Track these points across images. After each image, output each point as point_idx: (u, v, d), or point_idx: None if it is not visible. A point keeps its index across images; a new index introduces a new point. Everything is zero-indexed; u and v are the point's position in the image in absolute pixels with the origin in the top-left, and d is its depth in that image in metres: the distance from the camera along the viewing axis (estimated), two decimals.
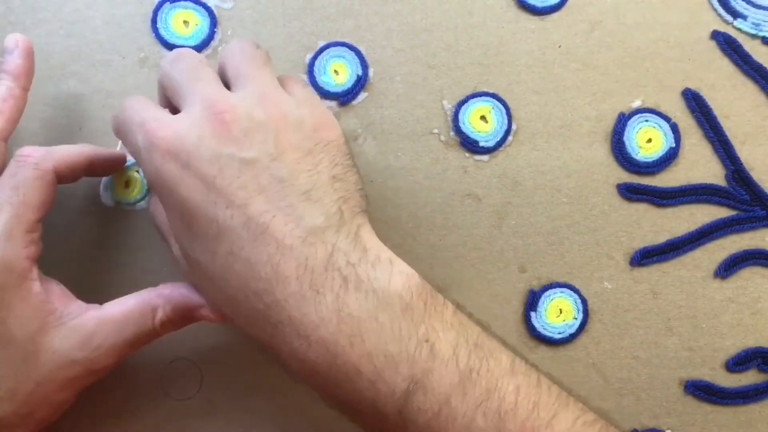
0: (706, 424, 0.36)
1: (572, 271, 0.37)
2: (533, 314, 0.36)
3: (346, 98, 0.37)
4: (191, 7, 0.37)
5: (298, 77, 0.33)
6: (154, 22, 0.37)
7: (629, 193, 0.37)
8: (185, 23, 0.37)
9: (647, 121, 0.37)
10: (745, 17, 0.37)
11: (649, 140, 0.37)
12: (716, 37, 0.37)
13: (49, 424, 0.32)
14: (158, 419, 0.36)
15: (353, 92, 0.37)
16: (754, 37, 0.37)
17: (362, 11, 0.37)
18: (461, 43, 0.37)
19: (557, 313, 0.37)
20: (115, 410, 0.36)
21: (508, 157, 0.37)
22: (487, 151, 0.37)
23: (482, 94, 0.37)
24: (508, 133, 0.37)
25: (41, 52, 0.37)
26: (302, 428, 0.36)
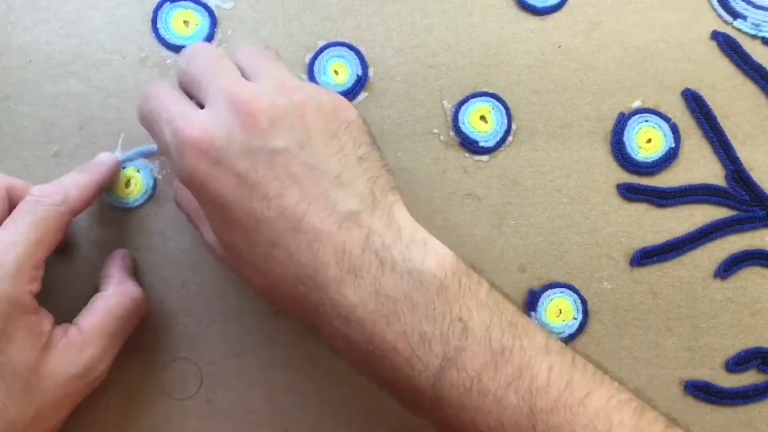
0: (705, 424, 0.36)
1: (572, 271, 0.37)
2: (533, 314, 0.36)
3: (346, 98, 0.37)
4: (191, 7, 0.37)
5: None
6: (154, 22, 0.37)
7: (629, 193, 0.37)
8: (185, 23, 0.37)
9: (647, 121, 0.37)
10: (745, 17, 0.37)
11: (648, 140, 0.37)
12: (716, 37, 0.37)
13: None
14: (158, 419, 0.36)
15: (353, 92, 0.37)
16: (753, 37, 0.37)
17: (362, 11, 0.37)
18: (461, 43, 0.37)
19: (557, 313, 0.37)
20: (115, 410, 0.36)
21: (507, 157, 0.37)
22: (487, 151, 0.37)
23: (482, 94, 0.37)
24: (508, 133, 0.37)
25: (41, 51, 0.37)
26: (302, 428, 0.36)
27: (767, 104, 0.37)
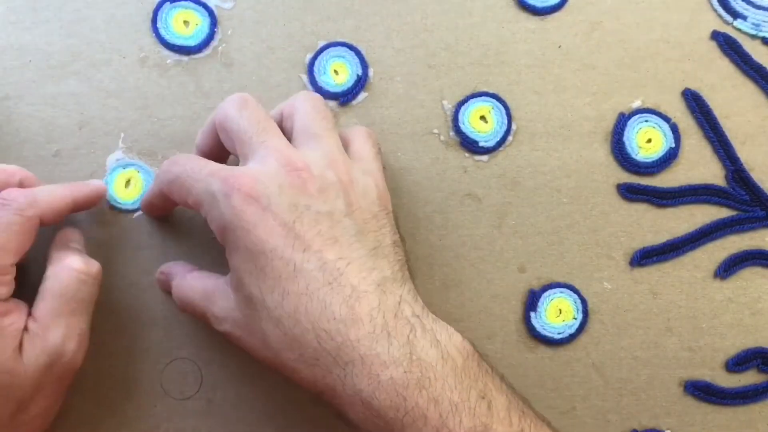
0: (705, 424, 0.36)
1: (572, 271, 0.37)
2: (533, 314, 0.36)
3: (346, 98, 0.37)
4: (191, 6, 0.37)
5: (361, 130, 0.35)
6: (154, 21, 0.37)
7: (629, 193, 0.37)
8: (185, 23, 0.37)
9: (647, 121, 0.37)
10: (745, 17, 0.37)
11: (648, 140, 0.37)
12: (716, 37, 0.37)
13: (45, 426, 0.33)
14: (158, 419, 0.36)
15: (353, 92, 0.37)
16: (754, 37, 0.37)
17: (362, 11, 0.37)
18: (461, 43, 0.37)
19: (557, 313, 0.37)
20: (115, 410, 0.36)
21: (507, 157, 0.37)
22: (486, 151, 0.37)
23: (482, 94, 0.37)
24: (507, 133, 0.37)
25: (41, 51, 0.37)
26: (302, 428, 0.36)
27: (767, 104, 0.37)
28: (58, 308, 0.32)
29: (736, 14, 0.37)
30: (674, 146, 0.37)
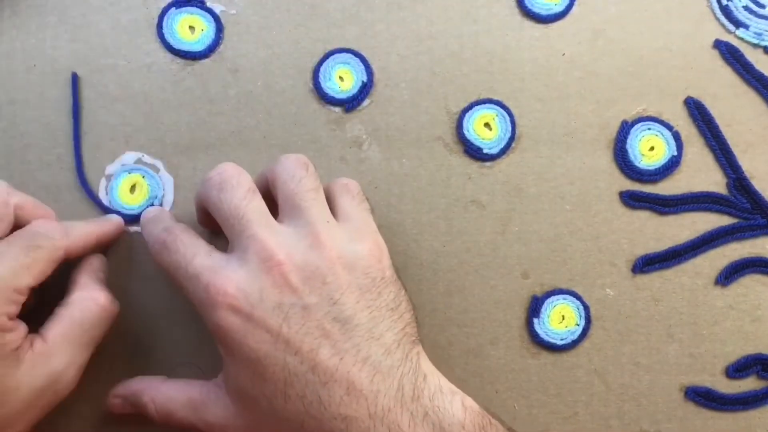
0: (706, 429, 0.37)
1: (575, 277, 0.37)
2: (536, 320, 0.37)
3: (351, 104, 0.37)
4: (197, 12, 0.37)
5: (341, 185, 0.34)
6: (159, 27, 0.37)
7: (632, 200, 0.37)
8: (191, 29, 0.37)
9: (650, 129, 0.37)
10: (747, 27, 0.38)
11: (651, 148, 0.37)
12: (719, 46, 0.38)
13: None
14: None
15: (358, 98, 0.37)
16: (756, 46, 0.38)
17: (367, 18, 0.38)
18: (466, 50, 0.38)
19: (560, 319, 0.37)
20: (118, 416, 0.36)
21: (511, 164, 0.37)
22: (491, 158, 0.37)
23: (486, 101, 0.37)
24: (511, 140, 0.37)
25: (46, 56, 0.37)
26: None
27: None
28: (71, 336, 0.32)
29: (738, 23, 0.38)
30: (676, 154, 0.37)
